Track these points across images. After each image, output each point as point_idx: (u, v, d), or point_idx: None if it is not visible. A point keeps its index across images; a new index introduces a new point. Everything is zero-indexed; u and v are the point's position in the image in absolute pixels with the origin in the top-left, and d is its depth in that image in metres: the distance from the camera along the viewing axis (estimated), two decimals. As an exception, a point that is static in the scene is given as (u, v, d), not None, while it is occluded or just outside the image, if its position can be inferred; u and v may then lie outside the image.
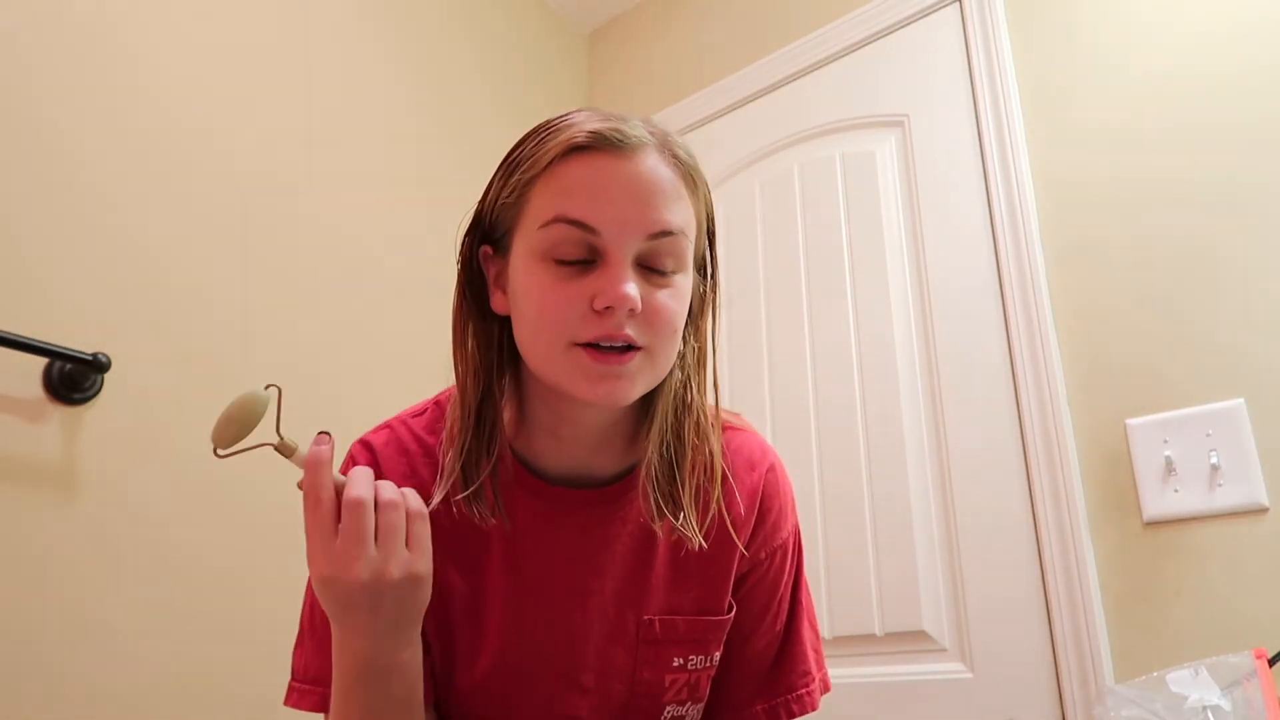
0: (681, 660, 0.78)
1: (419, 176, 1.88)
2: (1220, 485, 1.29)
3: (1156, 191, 1.45)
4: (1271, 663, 1.04)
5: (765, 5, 2.10)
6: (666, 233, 0.68)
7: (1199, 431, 1.32)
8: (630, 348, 0.67)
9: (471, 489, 0.72)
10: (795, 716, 0.81)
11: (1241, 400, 1.30)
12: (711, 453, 0.75)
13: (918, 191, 1.74)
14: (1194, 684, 1.01)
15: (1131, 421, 1.39)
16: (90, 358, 1.27)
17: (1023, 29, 1.67)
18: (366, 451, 0.79)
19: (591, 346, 0.67)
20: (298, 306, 1.61)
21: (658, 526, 0.74)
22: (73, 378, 1.28)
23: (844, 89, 1.91)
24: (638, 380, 0.68)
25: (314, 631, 0.77)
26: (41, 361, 1.27)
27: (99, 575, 1.26)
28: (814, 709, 0.82)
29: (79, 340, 1.29)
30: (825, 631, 1.58)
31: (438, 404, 0.81)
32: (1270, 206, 1.34)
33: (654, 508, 0.73)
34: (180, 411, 1.40)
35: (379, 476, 0.76)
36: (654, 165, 0.69)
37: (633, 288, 0.66)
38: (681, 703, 0.79)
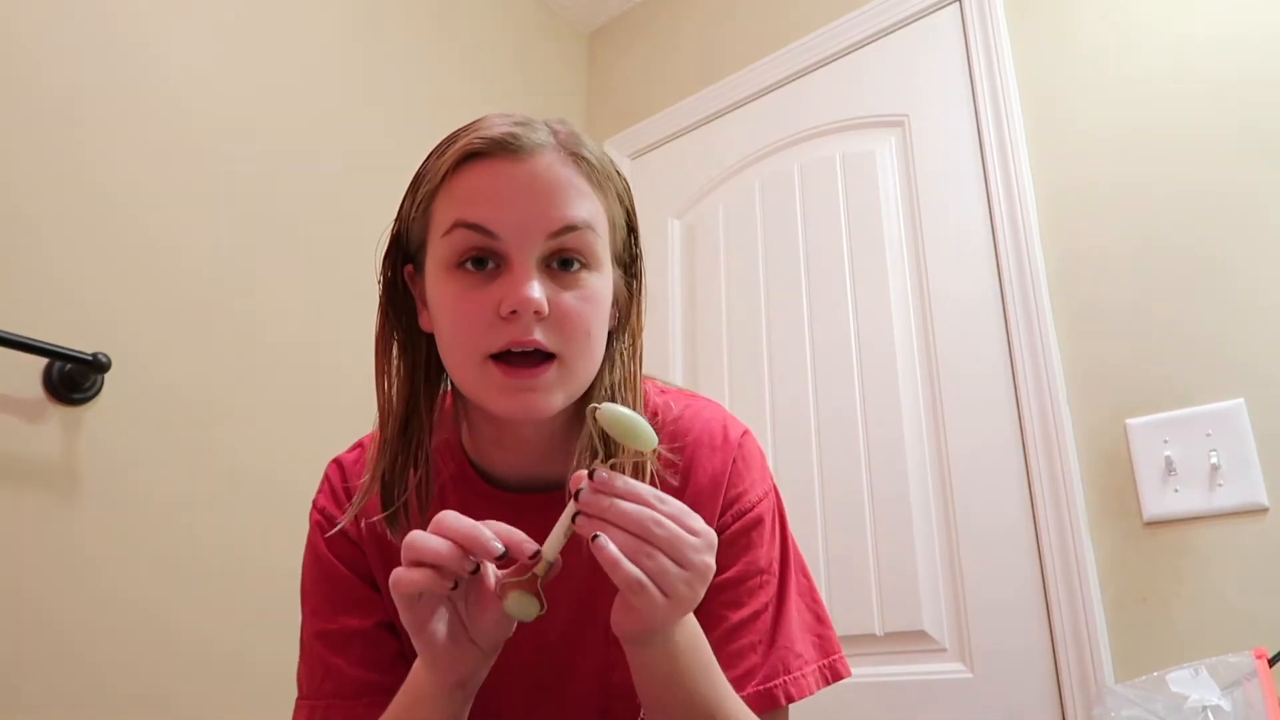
0: None
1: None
2: (1220, 485, 1.29)
3: (1157, 192, 1.45)
4: (1271, 663, 1.04)
5: (766, 5, 2.10)
6: (568, 228, 0.67)
7: (1199, 431, 1.32)
8: (541, 355, 0.66)
9: (391, 510, 0.72)
10: (786, 703, 0.76)
11: (1241, 400, 1.30)
12: (640, 451, 0.73)
13: (918, 192, 1.74)
14: (1194, 684, 1.01)
15: (1131, 421, 1.39)
16: (90, 358, 1.27)
17: (1023, 30, 1.67)
18: (339, 470, 0.82)
19: (503, 361, 0.66)
20: (299, 307, 1.61)
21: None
22: (73, 378, 1.28)
23: (844, 89, 1.91)
24: (555, 392, 0.67)
25: (302, 649, 0.80)
26: (41, 361, 1.27)
27: (99, 575, 1.26)
28: (808, 694, 0.77)
29: (79, 340, 1.29)
30: (825, 631, 1.58)
31: None
32: (1270, 208, 1.34)
33: None
34: (180, 411, 1.40)
35: (349, 493, 0.79)
36: (550, 164, 0.68)
37: (536, 290, 0.65)
38: None
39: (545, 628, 0.76)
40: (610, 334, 0.75)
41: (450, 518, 0.59)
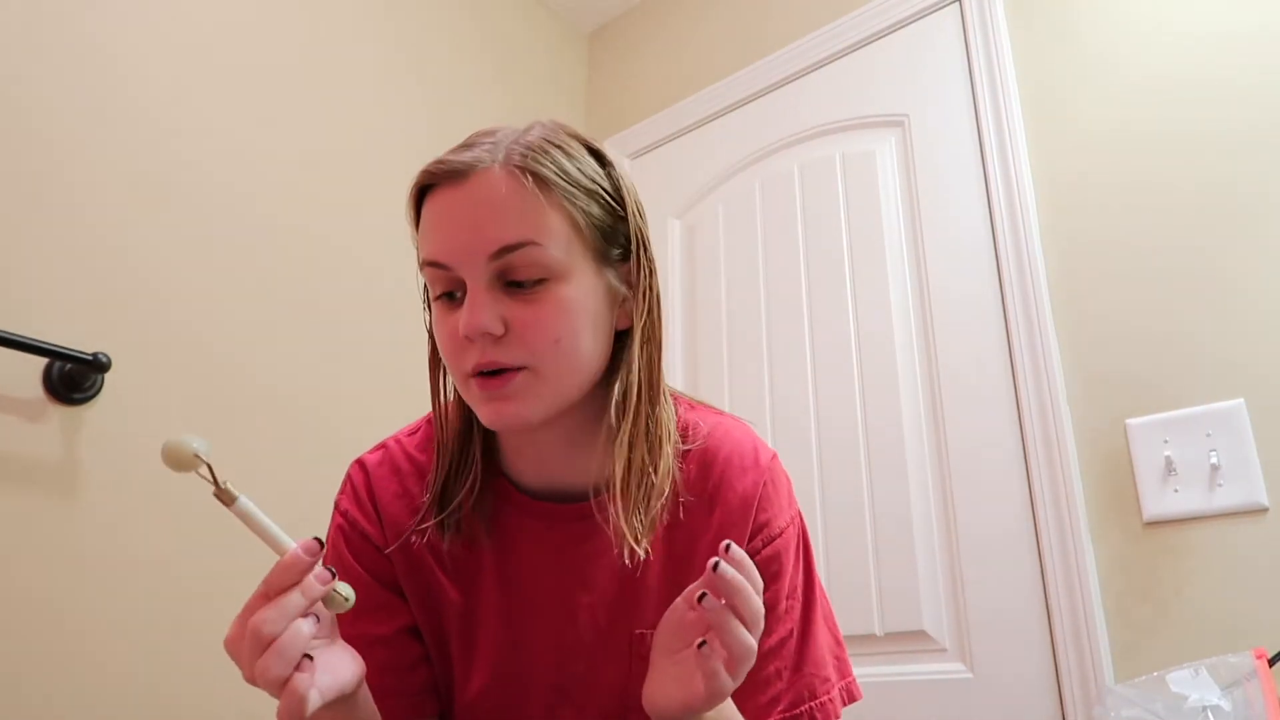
0: None
1: (419, 176, 1.88)
2: (1220, 485, 1.29)
3: (1157, 191, 1.45)
4: (1271, 663, 1.04)
5: (766, 5, 2.10)
6: (508, 248, 0.67)
7: (1199, 432, 1.32)
8: (505, 370, 0.68)
9: (441, 517, 0.74)
10: None
11: (1241, 400, 1.30)
12: (665, 462, 0.73)
13: (918, 192, 1.74)
14: (1194, 684, 1.01)
15: (1131, 422, 1.39)
16: (90, 358, 1.27)
17: (1023, 29, 1.67)
18: (361, 472, 0.82)
19: (479, 374, 0.69)
20: (298, 308, 1.61)
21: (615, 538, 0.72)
22: (73, 378, 1.28)
23: (844, 89, 1.91)
24: (528, 399, 0.69)
25: None
26: (41, 361, 1.27)
27: (99, 575, 1.26)
28: (836, 717, 0.79)
29: (79, 340, 1.29)
30: (825, 631, 1.58)
31: (430, 422, 0.83)
32: (1270, 208, 1.34)
33: (610, 520, 0.71)
34: (180, 411, 1.40)
35: (372, 496, 0.80)
36: (488, 183, 0.68)
37: (481, 314, 0.66)
38: None
39: (571, 635, 0.77)
40: (623, 334, 0.75)
41: (262, 622, 0.58)
